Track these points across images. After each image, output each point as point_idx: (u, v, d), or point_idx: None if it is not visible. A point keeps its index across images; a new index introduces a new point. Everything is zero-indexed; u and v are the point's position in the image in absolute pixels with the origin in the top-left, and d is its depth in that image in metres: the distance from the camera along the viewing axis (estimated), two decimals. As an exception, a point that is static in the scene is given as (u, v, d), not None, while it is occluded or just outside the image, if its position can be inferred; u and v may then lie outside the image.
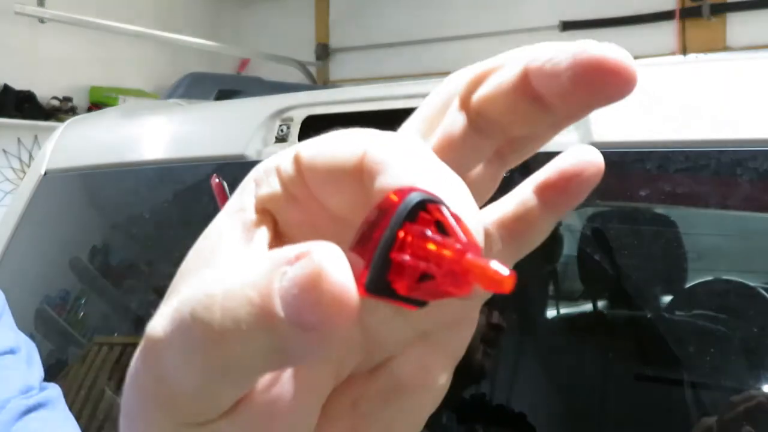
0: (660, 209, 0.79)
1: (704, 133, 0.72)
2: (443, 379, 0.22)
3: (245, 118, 1.05)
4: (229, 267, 0.16)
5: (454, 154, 0.21)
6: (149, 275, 1.08)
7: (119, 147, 1.20)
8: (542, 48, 0.20)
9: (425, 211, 0.17)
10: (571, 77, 0.19)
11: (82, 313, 1.14)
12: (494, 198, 0.25)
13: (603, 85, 0.19)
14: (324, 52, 5.14)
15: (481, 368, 0.80)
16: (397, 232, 0.17)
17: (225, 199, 0.94)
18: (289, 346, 0.15)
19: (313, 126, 0.98)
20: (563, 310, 0.91)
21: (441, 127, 0.22)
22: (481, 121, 0.21)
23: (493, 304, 0.84)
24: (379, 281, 0.17)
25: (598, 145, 0.76)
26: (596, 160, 0.23)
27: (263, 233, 0.20)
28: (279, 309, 0.15)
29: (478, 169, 0.23)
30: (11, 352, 0.54)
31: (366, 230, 0.18)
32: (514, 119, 0.21)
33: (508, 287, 0.16)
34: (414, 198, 0.17)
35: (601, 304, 0.85)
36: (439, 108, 0.22)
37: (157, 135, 1.20)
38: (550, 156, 0.24)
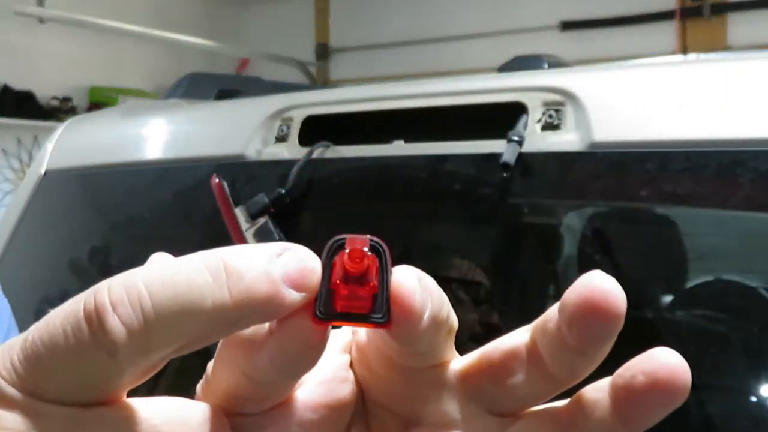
0: (660, 209, 0.79)
1: (704, 133, 0.72)
2: None
3: (245, 118, 1.05)
4: None
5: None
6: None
7: (119, 147, 1.20)
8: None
9: (372, 253, 0.21)
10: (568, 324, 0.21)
11: (82, 313, 1.13)
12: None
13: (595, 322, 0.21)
14: (324, 52, 5.14)
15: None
16: (329, 263, 0.21)
17: (225, 199, 0.94)
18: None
19: (313, 126, 0.98)
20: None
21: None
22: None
23: (492, 303, 0.84)
24: (325, 307, 0.21)
25: (598, 145, 0.76)
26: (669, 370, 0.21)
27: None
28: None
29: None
30: None
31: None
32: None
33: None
34: (343, 237, 0.21)
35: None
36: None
37: (157, 135, 1.20)
38: (550, 157, 0.24)
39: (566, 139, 0.78)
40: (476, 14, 4.51)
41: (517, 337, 0.23)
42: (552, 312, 0.22)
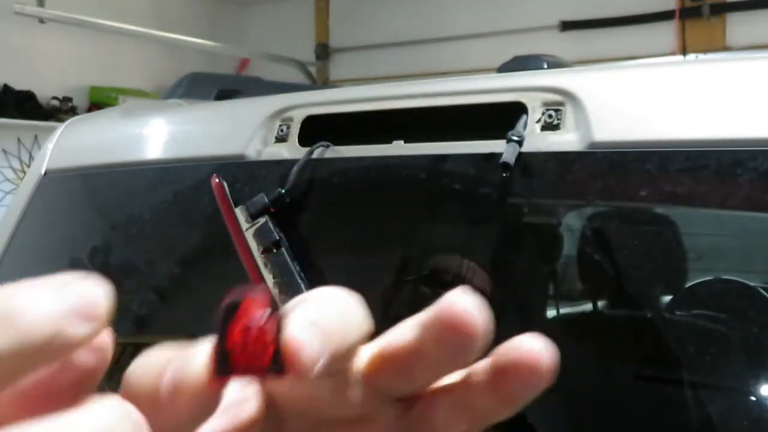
0: (660, 209, 0.79)
1: (704, 133, 0.72)
2: None
3: (245, 118, 1.05)
4: None
5: None
6: (149, 275, 1.08)
7: (119, 147, 1.20)
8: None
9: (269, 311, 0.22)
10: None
11: (82, 313, 1.13)
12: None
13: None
14: (324, 52, 5.14)
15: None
16: (225, 325, 0.22)
17: (225, 199, 0.94)
18: None
19: (313, 126, 0.98)
20: (563, 310, 0.91)
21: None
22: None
23: (491, 303, 0.84)
24: (221, 363, 0.22)
25: (598, 145, 0.76)
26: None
27: None
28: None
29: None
30: None
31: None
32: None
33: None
34: (235, 299, 0.22)
35: (601, 304, 0.86)
36: None
37: (157, 135, 1.20)
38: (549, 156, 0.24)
39: (566, 139, 0.78)
40: (476, 14, 4.51)
41: (409, 331, 0.25)
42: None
